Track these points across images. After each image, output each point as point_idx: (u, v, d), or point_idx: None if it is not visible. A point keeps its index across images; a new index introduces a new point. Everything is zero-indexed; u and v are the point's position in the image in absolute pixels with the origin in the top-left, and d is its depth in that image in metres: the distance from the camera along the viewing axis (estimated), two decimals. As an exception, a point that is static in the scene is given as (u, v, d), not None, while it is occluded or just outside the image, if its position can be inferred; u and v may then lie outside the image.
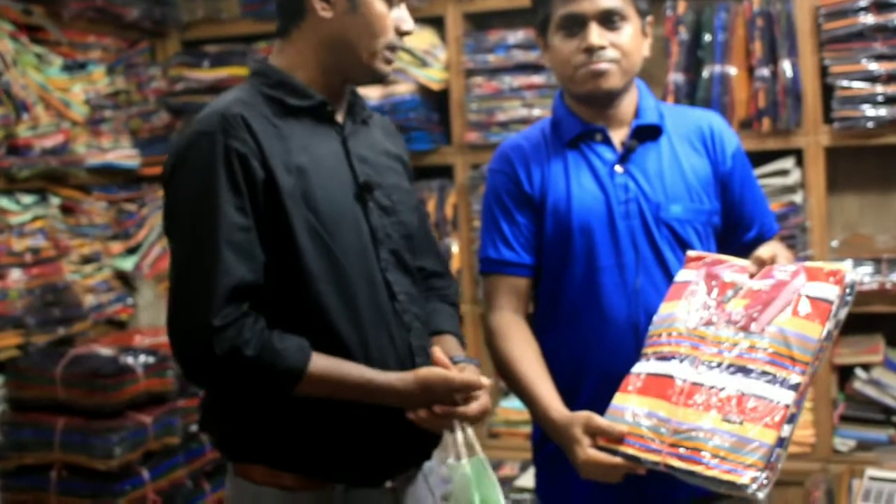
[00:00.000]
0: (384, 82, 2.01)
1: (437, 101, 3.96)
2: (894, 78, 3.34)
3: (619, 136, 2.19)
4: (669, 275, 2.09)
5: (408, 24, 1.94)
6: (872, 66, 3.35)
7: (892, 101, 3.34)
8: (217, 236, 1.75)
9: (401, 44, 1.96)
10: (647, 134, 2.19)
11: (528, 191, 2.19)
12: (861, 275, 3.41)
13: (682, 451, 1.79)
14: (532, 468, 2.37)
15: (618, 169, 2.16)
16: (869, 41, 3.36)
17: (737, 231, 2.24)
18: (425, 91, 3.89)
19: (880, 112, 3.35)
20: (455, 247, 3.89)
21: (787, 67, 3.46)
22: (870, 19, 3.35)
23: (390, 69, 1.97)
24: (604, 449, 1.90)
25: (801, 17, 3.46)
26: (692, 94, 3.58)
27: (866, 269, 3.43)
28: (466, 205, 3.86)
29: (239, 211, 1.77)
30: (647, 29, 2.20)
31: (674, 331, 1.94)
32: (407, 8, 1.97)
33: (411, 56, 3.84)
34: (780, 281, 1.86)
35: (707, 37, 3.56)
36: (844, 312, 1.82)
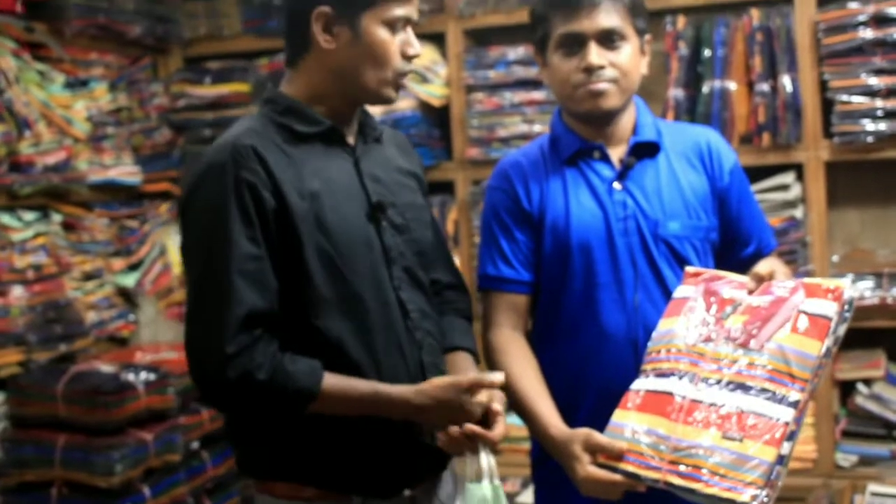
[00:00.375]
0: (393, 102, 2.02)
1: (437, 117, 3.97)
2: (894, 92, 3.34)
3: (617, 153, 2.19)
4: (668, 291, 2.09)
5: (414, 49, 1.95)
6: (872, 80, 3.36)
7: (891, 115, 3.35)
8: (229, 266, 1.79)
9: (409, 68, 1.97)
10: (644, 151, 2.19)
11: (526, 208, 2.20)
12: (862, 289, 3.41)
13: (681, 468, 1.79)
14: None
15: (616, 186, 2.16)
16: (868, 56, 3.37)
17: (735, 247, 2.24)
18: (426, 107, 3.90)
19: (880, 126, 3.35)
20: (456, 262, 3.88)
21: (786, 82, 3.46)
22: (869, 34, 3.35)
23: (398, 94, 1.99)
24: (603, 466, 1.89)
25: (800, 32, 3.46)
26: (692, 110, 3.59)
27: (867, 283, 3.43)
28: (467, 220, 3.87)
29: (250, 241, 1.81)
30: (645, 47, 2.20)
31: (673, 347, 1.94)
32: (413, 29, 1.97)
33: (412, 72, 3.84)
34: (779, 297, 1.86)
35: (707, 52, 3.57)
36: (843, 329, 1.82)
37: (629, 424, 1.89)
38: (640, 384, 1.95)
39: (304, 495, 1.91)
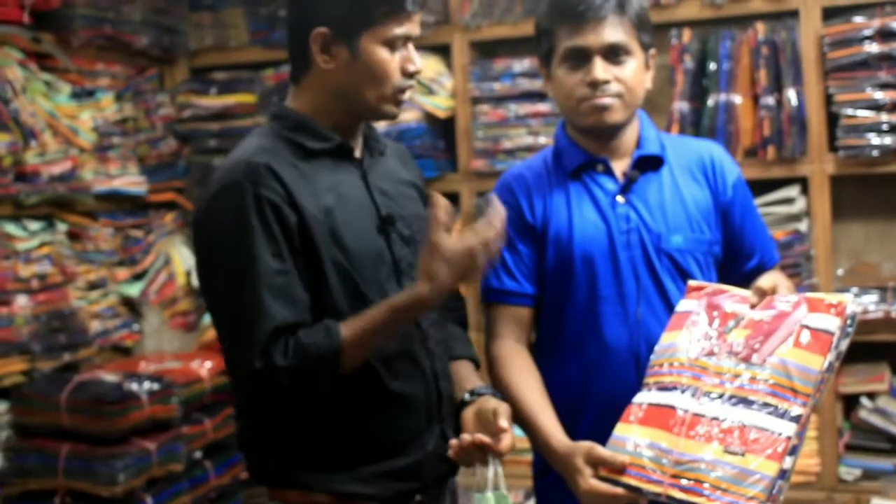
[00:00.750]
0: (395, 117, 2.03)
1: (443, 129, 3.98)
2: (899, 106, 3.35)
3: (620, 166, 2.19)
4: (670, 304, 2.09)
5: (414, 65, 1.94)
6: (877, 94, 3.36)
7: (896, 129, 3.35)
8: (257, 284, 1.80)
9: (409, 84, 1.96)
10: (648, 164, 2.19)
11: (529, 220, 2.20)
12: (866, 303, 3.41)
13: (683, 482, 1.78)
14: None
15: (619, 199, 2.16)
16: (874, 70, 3.37)
17: (737, 261, 2.24)
18: (431, 118, 3.91)
19: (885, 140, 3.36)
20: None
21: (792, 96, 3.47)
22: (874, 48, 3.36)
23: (399, 110, 1.99)
24: (605, 479, 1.89)
25: (806, 46, 3.47)
26: (697, 123, 3.59)
27: (871, 297, 3.43)
28: (472, 232, 3.86)
29: (276, 257, 1.82)
30: (650, 62, 2.20)
31: (675, 361, 1.93)
32: (414, 43, 1.97)
33: (418, 84, 3.85)
34: (782, 312, 1.85)
35: (712, 65, 3.58)
36: (846, 344, 1.82)
37: (631, 438, 1.89)
38: (643, 397, 1.94)
39: (317, 501, 1.92)
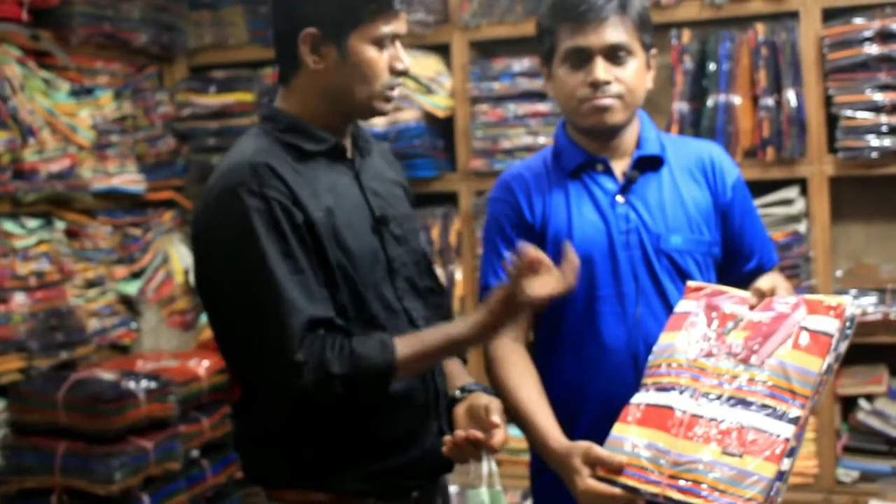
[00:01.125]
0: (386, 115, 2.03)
1: (441, 128, 3.97)
2: (899, 108, 3.35)
3: (620, 166, 2.19)
4: (669, 305, 2.09)
5: (402, 63, 1.95)
6: (877, 96, 3.36)
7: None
8: (277, 281, 1.80)
9: (398, 82, 1.97)
10: (648, 165, 2.19)
11: (528, 220, 2.19)
12: (865, 305, 3.40)
13: (681, 483, 1.78)
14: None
15: (619, 199, 2.16)
16: (873, 71, 3.37)
17: (736, 262, 2.24)
18: (430, 118, 3.91)
19: (884, 142, 3.35)
20: (459, 274, 3.89)
21: (791, 97, 3.46)
22: (874, 50, 3.36)
23: (391, 106, 1.99)
24: (603, 479, 1.89)
25: (805, 47, 3.47)
26: (697, 123, 3.59)
27: (870, 299, 3.43)
28: (470, 232, 3.87)
29: (288, 256, 1.82)
30: (650, 62, 2.20)
31: (674, 362, 1.93)
32: (412, 34, 1.98)
33: (417, 83, 3.85)
34: (781, 313, 1.85)
35: (712, 66, 3.57)
36: (845, 346, 1.82)
37: (629, 438, 1.88)
38: (641, 398, 1.94)
39: (315, 500, 1.92)
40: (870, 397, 3.47)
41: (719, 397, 1.82)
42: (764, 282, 1.97)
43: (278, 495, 1.96)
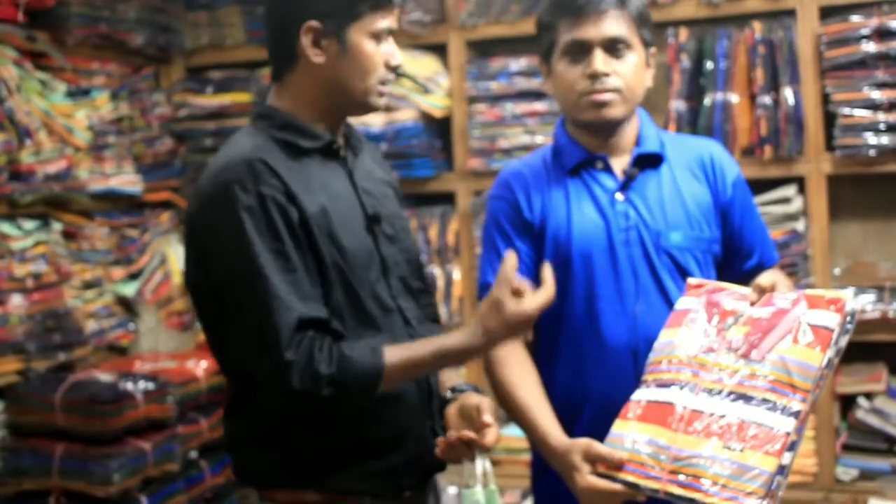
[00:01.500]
0: (380, 110, 2.04)
1: (439, 128, 3.97)
2: (896, 106, 3.34)
3: (620, 163, 2.19)
4: (669, 302, 2.09)
5: (396, 59, 1.98)
6: (874, 94, 3.36)
7: (893, 129, 3.35)
8: (268, 279, 1.80)
9: (391, 77, 1.99)
10: (647, 162, 2.19)
11: (528, 217, 2.19)
12: (863, 303, 3.40)
13: (681, 478, 1.78)
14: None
15: (618, 197, 2.16)
16: (871, 69, 3.37)
17: (737, 260, 2.23)
18: (428, 118, 3.90)
19: (882, 140, 3.35)
20: (457, 273, 3.88)
21: (788, 95, 3.46)
22: (872, 47, 3.35)
23: (384, 101, 2.00)
24: (603, 476, 1.89)
25: (803, 45, 3.46)
26: (694, 122, 3.59)
27: (869, 297, 3.42)
28: (468, 231, 3.86)
29: (282, 254, 1.82)
30: (650, 60, 2.20)
31: (674, 358, 1.93)
32: (409, 34, 1.99)
33: (414, 83, 3.85)
34: (781, 309, 1.85)
35: (709, 64, 3.57)
36: (845, 340, 1.81)
37: (629, 435, 1.88)
38: (641, 395, 1.94)
39: (307, 499, 1.92)
40: (869, 395, 3.47)
41: (720, 392, 1.82)
42: (764, 278, 1.97)
43: (270, 496, 1.95)
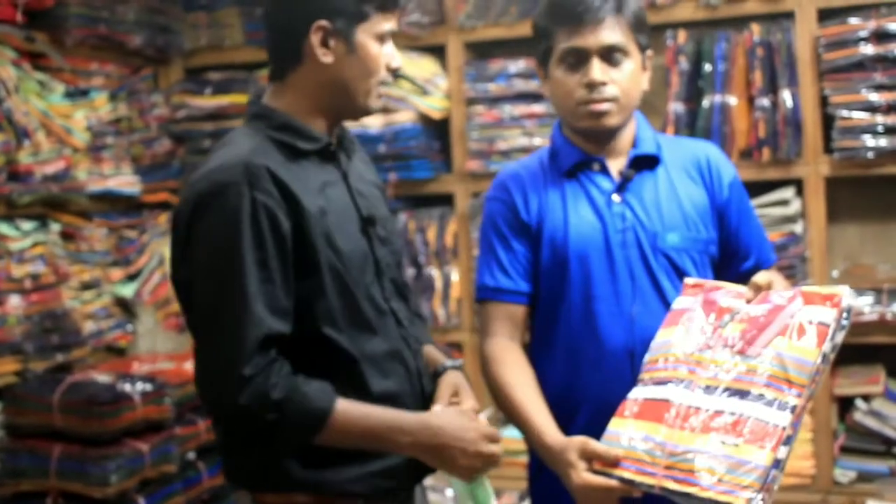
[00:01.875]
0: (376, 113, 2.05)
1: (437, 130, 3.97)
2: (894, 108, 3.34)
3: (616, 165, 2.19)
4: (666, 303, 2.08)
5: (397, 61, 1.99)
6: (873, 96, 3.36)
7: (892, 131, 3.35)
8: (246, 288, 1.79)
9: (390, 80, 2.00)
10: (644, 164, 2.19)
11: (525, 219, 2.19)
12: (861, 305, 3.40)
13: (677, 473, 1.78)
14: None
15: (615, 198, 2.16)
16: (869, 71, 3.37)
17: (734, 261, 2.23)
18: (426, 119, 3.91)
19: (880, 142, 3.35)
20: (455, 275, 3.88)
21: (787, 97, 3.46)
22: (870, 50, 3.36)
23: (380, 104, 2.01)
24: (599, 473, 1.89)
25: (801, 47, 3.47)
26: (692, 124, 3.59)
27: (867, 299, 3.42)
28: (467, 233, 3.86)
29: (264, 264, 1.81)
30: (646, 63, 2.20)
31: (671, 356, 1.93)
32: (408, 36, 2.00)
33: (412, 85, 3.85)
34: (777, 305, 1.85)
35: (707, 66, 3.57)
36: (841, 336, 1.81)
37: (626, 432, 1.88)
38: (638, 393, 1.94)
39: (299, 502, 1.91)
40: (867, 397, 3.46)
41: (716, 388, 1.82)
42: (761, 277, 1.96)
43: (262, 498, 1.94)
